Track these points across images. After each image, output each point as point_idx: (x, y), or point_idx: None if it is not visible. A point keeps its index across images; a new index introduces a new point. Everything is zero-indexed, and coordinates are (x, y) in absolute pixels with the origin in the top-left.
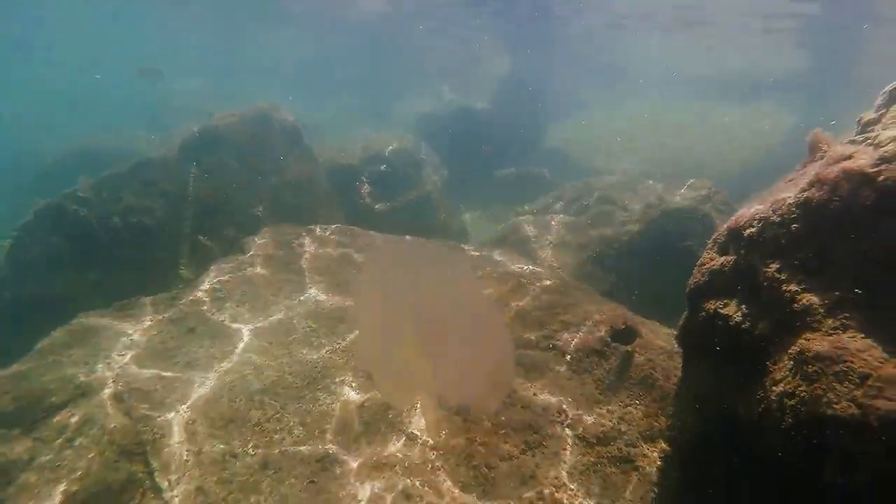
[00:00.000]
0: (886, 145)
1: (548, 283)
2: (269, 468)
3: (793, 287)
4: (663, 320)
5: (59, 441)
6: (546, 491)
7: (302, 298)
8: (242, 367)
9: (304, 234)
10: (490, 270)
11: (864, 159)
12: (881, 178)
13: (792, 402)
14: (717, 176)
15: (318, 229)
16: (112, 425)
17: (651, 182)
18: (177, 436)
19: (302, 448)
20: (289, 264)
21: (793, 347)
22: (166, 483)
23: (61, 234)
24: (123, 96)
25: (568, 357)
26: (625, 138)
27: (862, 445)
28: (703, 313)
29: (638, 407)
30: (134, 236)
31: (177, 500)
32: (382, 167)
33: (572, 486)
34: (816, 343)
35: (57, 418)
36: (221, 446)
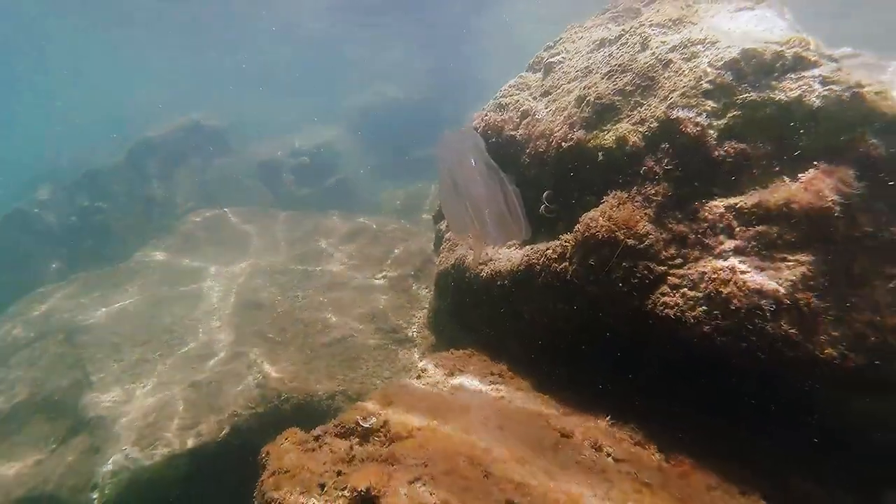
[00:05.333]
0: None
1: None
2: None
3: None
4: None
5: None
6: None
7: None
8: None
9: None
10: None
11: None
12: (483, 125)
13: (440, 267)
14: None
15: (229, 211)
16: None
17: None
18: None
19: None
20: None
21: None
22: None
23: (28, 233)
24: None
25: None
26: None
27: (446, 281)
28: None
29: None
30: (90, 230)
31: None
32: (305, 159)
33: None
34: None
35: None
36: None
